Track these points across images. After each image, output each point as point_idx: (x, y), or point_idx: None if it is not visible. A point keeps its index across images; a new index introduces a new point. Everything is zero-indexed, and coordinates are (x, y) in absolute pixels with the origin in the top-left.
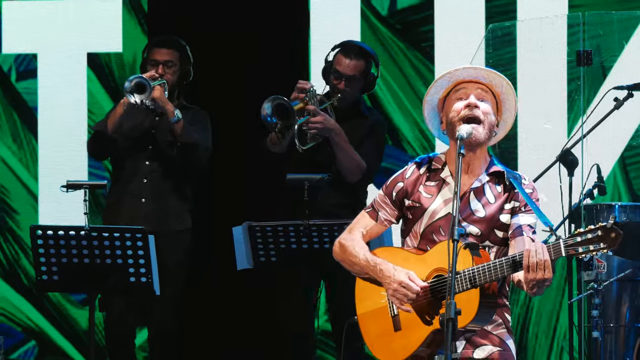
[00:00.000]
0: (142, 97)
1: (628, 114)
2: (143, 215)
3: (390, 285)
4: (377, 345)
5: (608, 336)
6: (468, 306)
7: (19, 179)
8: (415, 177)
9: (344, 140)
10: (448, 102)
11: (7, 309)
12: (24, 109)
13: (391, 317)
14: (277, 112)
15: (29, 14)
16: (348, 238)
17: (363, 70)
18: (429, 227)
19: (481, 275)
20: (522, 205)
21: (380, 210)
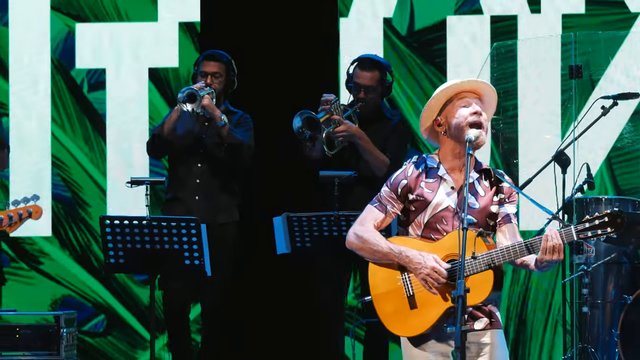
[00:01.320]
0: (193, 106)
1: (613, 120)
2: (196, 211)
3: (422, 270)
4: (394, 322)
5: (596, 311)
6: (483, 286)
7: (90, 176)
8: (415, 175)
9: (366, 142)
10: (448, 110)
11: (80, 288)
12: (94, 116)
13: (407, 297)
14: (307, 124)
15: (99, 34)
16: (364, 230)
17: (379, 79)
18: (433, 218)
19: (499, 258)
20: (506, 197)
21: (387, 205)
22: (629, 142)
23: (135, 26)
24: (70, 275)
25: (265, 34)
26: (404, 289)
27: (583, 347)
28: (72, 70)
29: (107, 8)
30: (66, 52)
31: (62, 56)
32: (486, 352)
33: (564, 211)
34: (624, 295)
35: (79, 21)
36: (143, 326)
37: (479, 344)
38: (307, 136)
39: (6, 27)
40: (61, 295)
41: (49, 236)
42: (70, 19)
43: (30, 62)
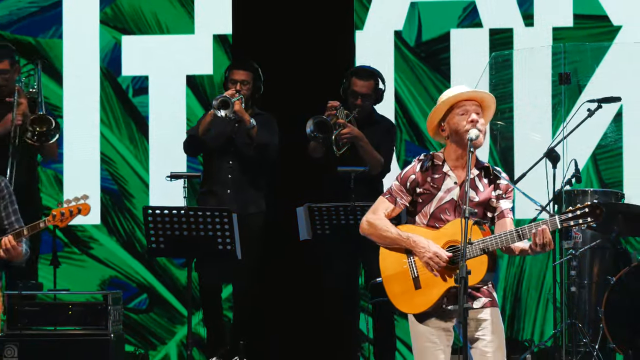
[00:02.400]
0: (226, 112)
1: (598, 121)
2: (228, 203)
3: (425, 254)
4: (400, 300)
5: (583, 290)
6: (480, 268)
7: (134, 171)
8: (423, 171)
9: (366, 143)
10: (451, 118)
11: (126, 270)
12: (138, 118)
13: (412, 278)
14: (319, 127)
15: (142, 45)
16: (376, 218)
17: (373, 87)
18: (437, 209)
19: (493, 244)
20: (503, 193)
21: (397, 197)
22: (612, 141)
23: (174, 38)
24: (116, 258)
25: (289, 44)
26: (410, 271)
27: (571, 322)
28: (118, 77)
29: (149, 22)
30: (113, 61)
31: (110, 65)
32: (484, 327)
33: (554, 201)
34: (607, 276)
35: (124, 34)
36: (181, 304)
37: (478, 320)
38: (319, 138)
39: (60, 39)
40: (109, 277)
41: (98, 224)
42: (117, 32)
43: (81, 71)
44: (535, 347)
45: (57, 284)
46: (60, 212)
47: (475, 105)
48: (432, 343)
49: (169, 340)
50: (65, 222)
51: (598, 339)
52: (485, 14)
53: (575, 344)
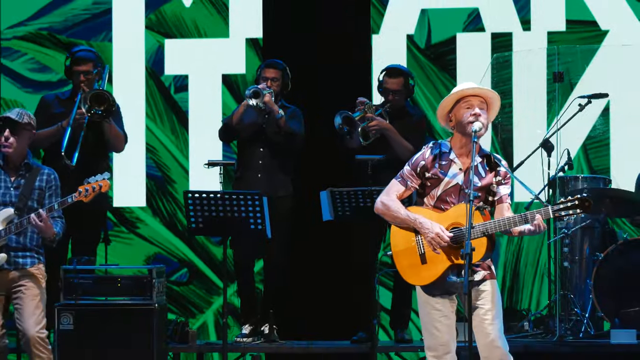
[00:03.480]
0: (257, 101)
1: (588, 115)
2: (259, 187)
3: (429, 234)
4: (408, 273)
5: (574, 265)
6: (479, 249)
7: (176, 159)
8: (431, 157)
9: (394, 134)
10: (457, 109)
11: (168, 247)
12: (179, 112)
13: (419, 254)
14: (345, 121)
15: (183, 47)
16: (388, 199)
17: (403, 84)
18: (444, 192)
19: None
20: (502, 179)
21: (408, 180)
22: (600, 132)
23: (211, 41)
24: (160, 237)
25: (313, 46)
26: (417, 247)
27: (564, 293)
28: (161, 76)
29: (189, 27)
30: (157, 62)
31: (154, 65)
32: (483, 297)
33: (549, 186)
34: (596, 253)
35: (167, 37)
36: (217, 277)
37: (478, 291)
38: (345, 130)
39: (110, 42)
40: (153, 253)
41: (144, 206)
42: (160, 36)
43: (129, 70)
44: (532, 315)
45: (107, 259)
46: (84, 188)
47: (479, 101)
48: (437, 310)
49: (207, 310)
50: (89, 197)
51: (588, 309)
52: (488, 20)
53: (568, 313)
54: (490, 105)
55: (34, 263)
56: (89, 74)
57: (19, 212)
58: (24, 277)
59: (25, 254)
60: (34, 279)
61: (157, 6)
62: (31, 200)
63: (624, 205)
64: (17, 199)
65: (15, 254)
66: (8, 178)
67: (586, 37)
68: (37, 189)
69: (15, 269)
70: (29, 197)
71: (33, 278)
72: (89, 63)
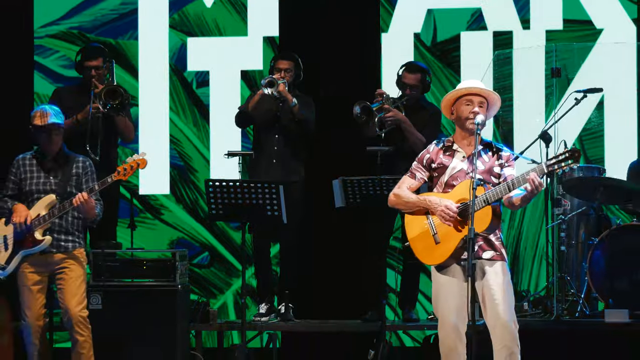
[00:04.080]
0: (272, 90)
1: (583, 108)
2: (273, 171)
3: (438, 207)
4: (424, 255)
5: (571, 249)
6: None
7: (197, 150)
8: (435, 151)
9: (409, 125)
10: (458, 104)
11: (190, 232)
12: (201, 106)
13: (432, 235)
14: (363, 110)
15: (204, 45)
16: (400, 191)
17: (421, 79)
18: (450, 178)
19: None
20: (505, 161)
21: (417, 173)
22: (595, 125)
23: (231, 39)
24: (183, 223)
25: (325, 45)
26: (430, 229)
27: (561, 275)
28: (184, 72)
29: (210, 26)
30: (180, 59)
31: (177, 62)
32: (493, 279)
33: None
34: (591, 237)
35: (189, 36)
36: (236, 260)
37: (487, 271)
38: (362, 119)
39: (136, 40)
40: (176, 237)
41: (168, 194)
42: (183, 34)
43: (153, 67)
44: (531, 296)
45: (133, 243)
46: (123, 167)
47: (480, 100)
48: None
49: (227, 290)
50: (127, 175)
51: (583, 290)
52: (490, 19)
53: (565, 294)
54: (491, 104)
55: (76, 247)
56: (99, 68)
57: (59, 198)
58: (67, 259)
59: (68, 237)
60: (76, 261)
61: (180, 6)
62: (69, 187)
63: (617, 193)
64: (56, 187)
65: (59, 238)
66: (46, 168)
67: (582, 36)
68: (74, 175)
69: (59, 251)
70: (68, 183)
71: (75, 260)
72: (99, 58)
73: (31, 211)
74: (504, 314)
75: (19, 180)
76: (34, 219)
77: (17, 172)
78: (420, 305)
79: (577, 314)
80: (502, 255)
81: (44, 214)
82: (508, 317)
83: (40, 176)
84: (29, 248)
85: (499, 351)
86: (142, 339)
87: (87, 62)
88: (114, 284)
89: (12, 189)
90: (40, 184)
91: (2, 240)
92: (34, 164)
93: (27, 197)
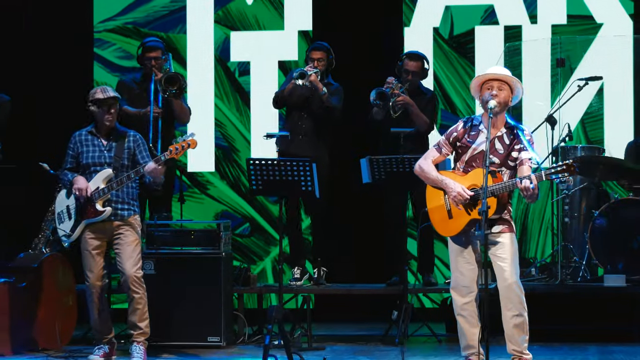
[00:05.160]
0: (303, 81)
1: (585, 94)
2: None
3: (452, 192)
4: (439, 226)
5: (573, 220)
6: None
7: (240, 132)
8: (463, 130)
9: (416, 108)
10: (483, 90)
11: (233, 205)
12: (242, 93)
13: (446, 210)
14: (379, 96)
15: (246, 38)
16: (425, 163)
17: (421, 67)
18: (471, 158)
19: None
20: (523, 146)
21: (442, 148)
22: (595, 109)
23: (269, 33)
24: (226, 197)
25: (354, 38)
26: (445, 204)
27: (565, 244)
28: (227, 63)
29: (250, 21)
30: (224, 51)
31: (221, 53)
32: (502, 248)
33: (553, 154)
34: (592, 210)
35: (232, 30)
36: (274, 230)
37: (496, 242)
38: (379, 104)
39: (184, 34)
40: (221, 210)
41: (213, 171)
42: (227, 29)
43: (200, 58)
44: (538, 262)
45: (183, 215)
46: (175, 147)
47: (499, 83)
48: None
49: (265, 257)
50: (179, 154)
51: (585, 257)
52: (501, 15)
53: (568, 261)
54: (513, 87)
55: (131, 214)
56: (158, 59)
57: (115, 171)
58: (124, 226)
59: (124, 206)
60: (132, 227)
61: (224, 4)
62: (123, 160)
63: (615, 170)
64: (111, 160)
65: (116, 207)
66: (101, 143)
67: (584, 29)
68: (126, 149)
69: (116, 219)
70: (122, 157)
71: (131, 226)
72: (158, 50)
73: (90, 183)
74: (511, 278)
75: (77, 154)
76: (94, 191)
77: (75, 146)
78: (438, 270)
79: (579, 279)
80: (511, 228)
81: (103, 187)
82: (514, 281)
83: (96, 150)
84: (92, 218)
85: (508, 312)
86: (191, 301)
87: (147, 54)
88: (165, 251)
89: (71, 162)
90: (96, 157)
91: (66, 210)
92: (89, 139)
93: (85, 169)
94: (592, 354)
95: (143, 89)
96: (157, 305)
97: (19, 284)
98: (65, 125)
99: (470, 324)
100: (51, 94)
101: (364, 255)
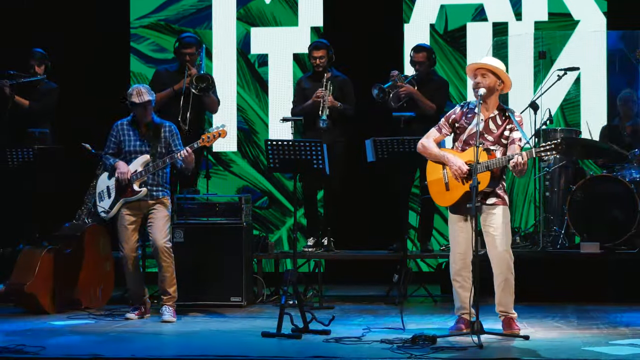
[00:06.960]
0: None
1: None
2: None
3: (453, 166)
4: (437, 197)
5: (554, 195)
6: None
7: (259, 116)
8: (460, 112)
9: (420, 96)
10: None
11: (253, 181)
12: (261, 82)
13: (444, 183)
14: (380, 91)
15: (264, 33)
16: (427, 141)
17: (427, 57)
18: (468, 137)
19: (491, 164)
20: (514, 127)
21: (442, 128)
22: (573, 96)
23: (285, 29)
24: (247, 174)
25: (360, 32)
26: (443, 177)
27: (546, 216)
28: (248, 55)
29: (268, 17)
30: (245, 44)
31: (243, 47)
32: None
33: (535, 136)
34: (570, 185)
35: (252, 26)
36: (289, 203)
37: (489, 214)
38: (380, 97)
39: (210, 30)
40: (242, 185)
41: (235, 151)
42: (247, 25)
43: (224, 51)
44: (522, 232)
45: (209, 189)
46: (207, 136)
47: (483, 72)
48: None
49: (282, 227)
50: (211, 142)
51: (564, 227)
52: (490, 12)
53: (548, 230)
54: (498, 73)
55: (164, 194)
56: (193, 55)
57: (152, 157)
58: (156, 204)
59: (158, 188)
60: (163, 205)
61: (245, 3)
62: (160, 147)
63: (590, 150)
64: (149, 148)
65: (151, 188)
66: (139, 133)
67: (563, 25)
68: (162, 138)
69: (150, 199)
70: (158, 145)
71: (162, 205)
72: (193, 46)
73: (130, 166)
74: (500, 246)
75: (118, 142)
76: (133, 173)
77: (117, 134)
78: (434, 239)
79: (558, 246)
80: (504, 201)
81: (140, 170)
82: (504, 249)
83: (137, 139)
84: (129, 197)
85: (497, 276)
86: (215, 265)
87: (182, 50)
88: (193, 222)
89: (113, 148)
90: (136, 146)
91: (106, 190)
92: (130, 129)
93: (126, 156)
94: (570, 312)
95: (175, 80)
96: (186, 269)
97: (65, 250)
98: (107, 112)
99: (463, 289)
100: (93, 83)
101: (369, 225)
